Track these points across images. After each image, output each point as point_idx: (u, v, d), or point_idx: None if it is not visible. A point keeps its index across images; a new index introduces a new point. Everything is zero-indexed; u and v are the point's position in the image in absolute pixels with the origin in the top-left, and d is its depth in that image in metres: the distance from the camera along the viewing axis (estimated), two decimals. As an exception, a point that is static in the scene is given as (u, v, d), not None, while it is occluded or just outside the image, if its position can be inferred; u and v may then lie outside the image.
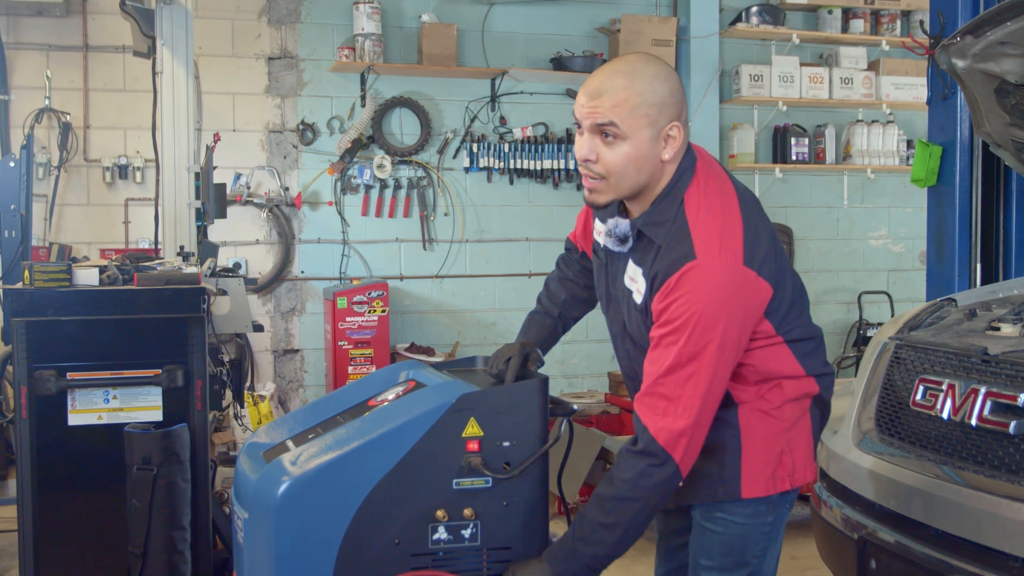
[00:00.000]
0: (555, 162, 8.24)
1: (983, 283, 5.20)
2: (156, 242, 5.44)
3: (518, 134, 8.25)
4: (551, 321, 3.12)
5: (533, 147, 8.24)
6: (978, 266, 5.26)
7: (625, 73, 2.55)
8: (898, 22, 8.98)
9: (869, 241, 9.27)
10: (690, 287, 2.50)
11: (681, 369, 2.52)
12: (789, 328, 2.72)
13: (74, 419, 3.80)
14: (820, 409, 2.85)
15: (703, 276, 2.51)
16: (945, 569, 2.65)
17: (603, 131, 2.55)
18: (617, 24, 8.31)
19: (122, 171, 7.43)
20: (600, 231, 2.82)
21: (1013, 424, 2.66)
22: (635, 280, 2.69)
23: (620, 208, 2.75)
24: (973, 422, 2.79)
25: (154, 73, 5.27)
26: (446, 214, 8.19)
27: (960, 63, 3.55)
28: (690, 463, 2.57)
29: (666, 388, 2.53)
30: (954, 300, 3.65)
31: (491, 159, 8.18)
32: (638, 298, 2.68)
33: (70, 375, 3.76)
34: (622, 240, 2.71)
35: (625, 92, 2.52)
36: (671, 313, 2.52)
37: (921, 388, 3.03)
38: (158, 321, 3.85)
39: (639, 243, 2.68)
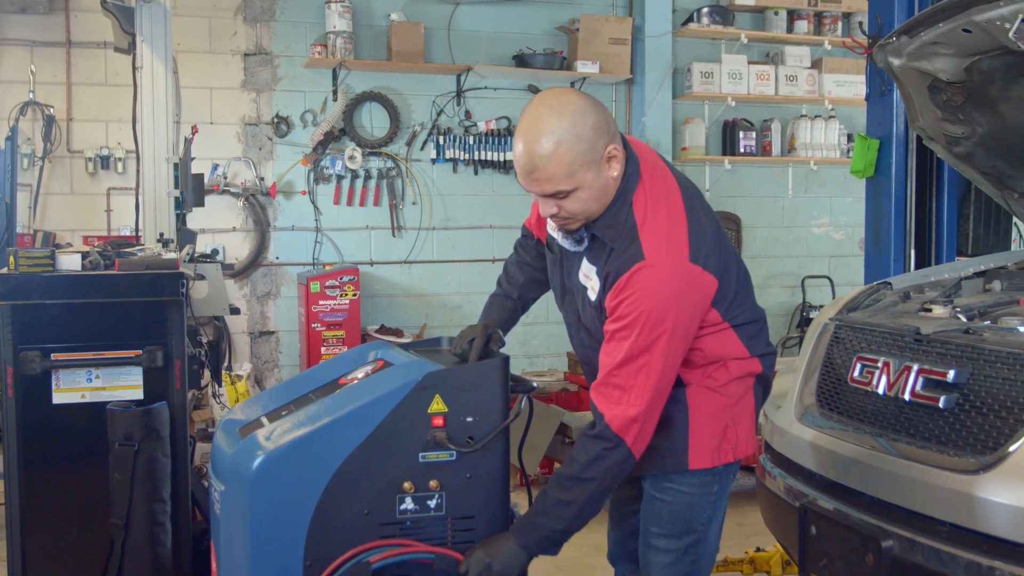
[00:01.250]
0: (517, 154, 8.21)
1: (917, 267, 5.24)
2: (137, 229, 5.39)
3: (482, 127, 8.24)
4: (511, 303, 3.12)
5: (496, 139, 8.23)
6: (912, 252, 5.30)
7: (547, 134, 2.47)
8: (839, 23, 9.04)
9: (812, 229, 9.34)
10: (640, 286, 2.52)
11: (633, 361, 2.54)
12: (735, 314, 2.74)
13: (58, 398, 3.77)
14: (763, 386, 2.88)
15: (652, 275, 2.52)
16: (879, 534, 2.68)
17: (555, 196, 2.54)
18: (576, 23, 8.30)
19: (104, 162, 7.36)
20: (555, 228, 2.83)
21: (943, 399, 2.69)
22: (589, 278, 2.70)
23: None
24: (906, 397, 2.81)
25: (134, 68, 5.23)
26: (414, 203, 8.17)
27: (896, 62, 3.57)
28: (642, 447, 2.59)
29: (619, 379, 2.56)
30: (890, 283, 3.68)
31: (457, 151, 8.17)
32: (592, 295, 2.69)
33: (54, 356, 3.74)
34: (578, 241, 2.71)
35: (555, 159, 2.47)
36: (623, 310, 2.54)
37: (859, 365, 3.05)
38: (139, 304, 3.82)
39: (593, 244, 2.69)
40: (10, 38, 7.21)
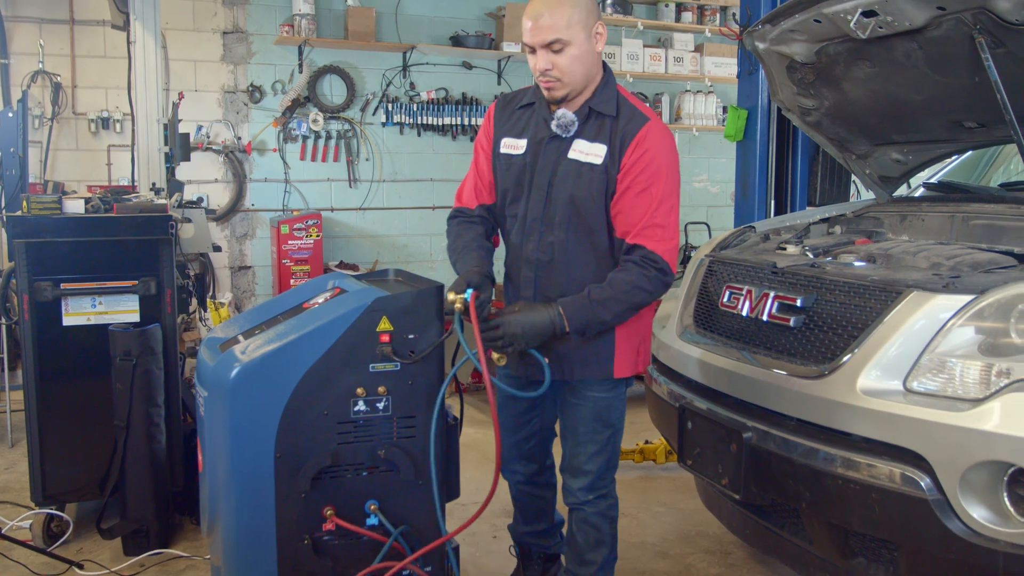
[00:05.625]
0: (453, 119, 8.14)
1: (776, 215, 5.32)
2: (133, 180, 5.26)
3: (424, 96, 8.12)
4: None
5: (436, 107, 8.13)
6: (772, 202, 5.38)
7: None
8: (718, 14, 9.03)
9: (694, 183, 9.40)
10: (653, 140, 2.60)
11: (665, 203, 2.61)
12: None
13: (68, 321, 3.71)
14: (656, 312, 2.92)
15: (659, 132, 2.62)
16: (741, 427, 2.74)
17: (551, 47, 2.56)
18: (503, 10, 8.19)
19: (104, 123, 7.13)
20: (516, 145, 2.78)
21: (793, 319, 2.74)
22: (588, 152, 2.67)
23: (558, 105, 2.72)
24: (764, 318, 2.86)
25: (129, 43, 5.07)
26: (367, 159, 8.06)
27: (761, 46, 3.58)
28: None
29: (659, 219, 2.60)
30: (754, 227, 3.73)
31: (403, 116, 8.05)
32: (596, 160, 2.66)
33: (63, 285, 3.67)
34: (569, 125, 2.68)
35: (558, 11, 2.54)
36: (645, 160, 2.59)
37: (727, 293, 3.09)
38: (134, 242, 3.76)
39: (587, 123, 2.68)
40: (21, 15, 6.91)
